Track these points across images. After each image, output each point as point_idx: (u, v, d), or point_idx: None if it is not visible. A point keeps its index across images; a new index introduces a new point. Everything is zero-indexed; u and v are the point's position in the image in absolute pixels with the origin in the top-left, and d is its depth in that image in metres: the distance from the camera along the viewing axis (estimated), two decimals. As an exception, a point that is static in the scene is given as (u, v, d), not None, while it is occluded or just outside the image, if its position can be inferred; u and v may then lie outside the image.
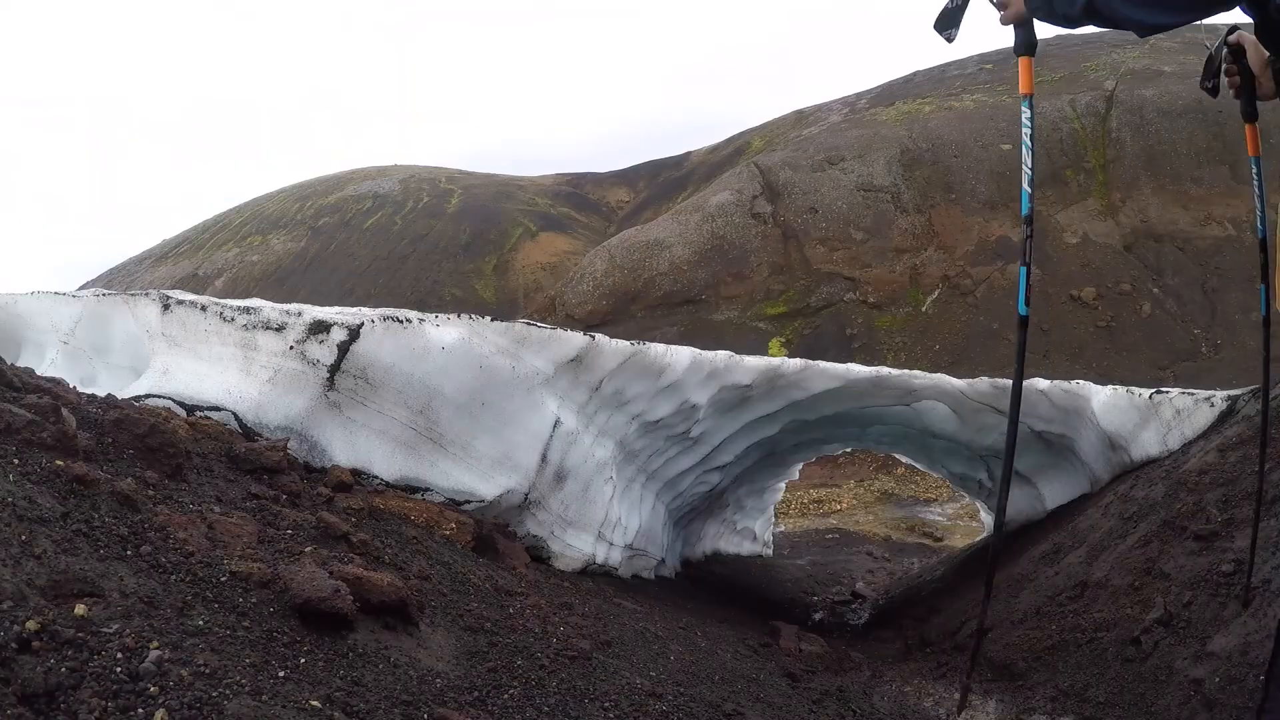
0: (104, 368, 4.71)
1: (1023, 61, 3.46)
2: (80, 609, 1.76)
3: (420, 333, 4.22)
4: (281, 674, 1.96)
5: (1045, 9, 2.73)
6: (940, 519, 15.89)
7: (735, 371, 6.79)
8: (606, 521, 5.95)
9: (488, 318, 4.76)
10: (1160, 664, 3.88)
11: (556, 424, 5.20)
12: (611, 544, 6.16)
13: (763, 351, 19.53)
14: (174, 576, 2.15)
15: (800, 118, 34.75)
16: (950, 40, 3.54)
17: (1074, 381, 7.05)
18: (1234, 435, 5.29)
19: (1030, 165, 3.70)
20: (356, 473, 4.01)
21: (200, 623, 1.99)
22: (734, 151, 35.59)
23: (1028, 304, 3.73)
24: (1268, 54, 2.53)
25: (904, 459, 12.13)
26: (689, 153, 40.37)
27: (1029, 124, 3.74)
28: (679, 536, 9.49)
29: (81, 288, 19.86)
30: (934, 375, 7.56)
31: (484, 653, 2.76)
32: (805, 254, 23.97)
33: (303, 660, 2.10)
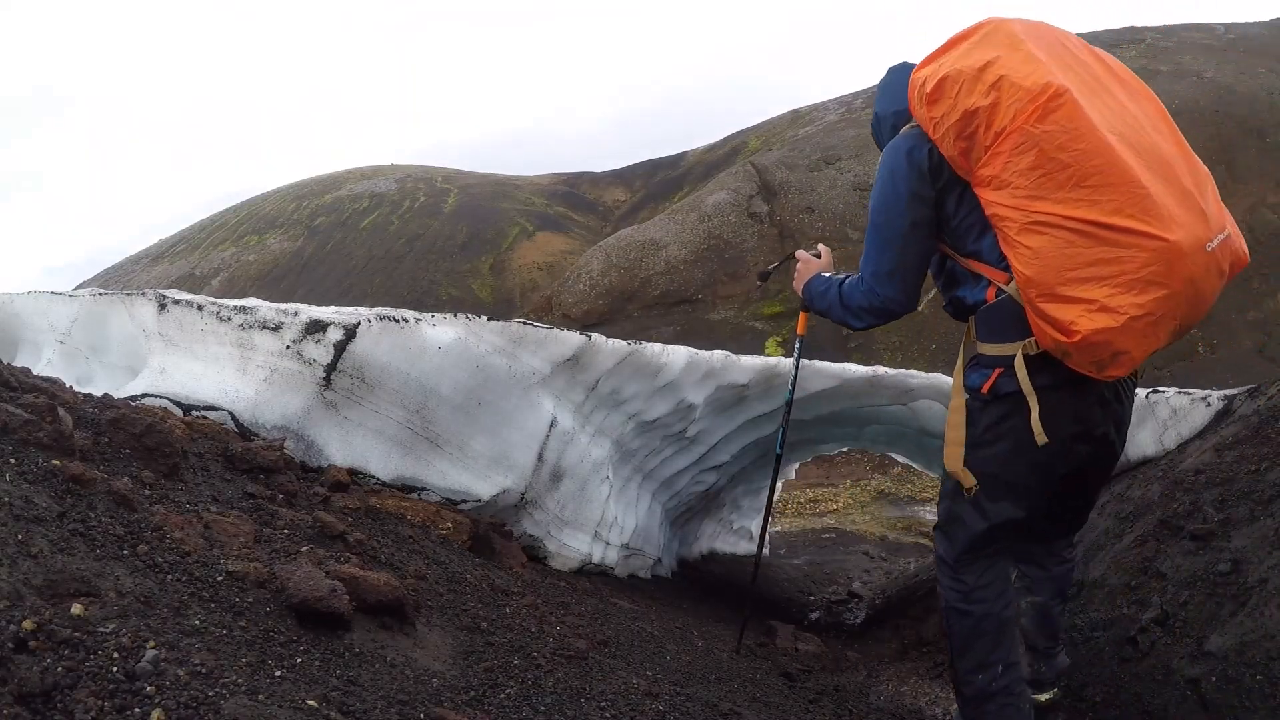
0: (100, 367, 4.70)
1: (802, 314, 4.42)
2: (77, 608, 1.76)
3: (417, 332, 4.22)
4: (278, 673, 1.96)
5: (804, 297, 3.87)
6: (936, 518, 15.87)
7: (731, 371, 6.79)
8: (603, 521, 5.95)
9: (484, 317, 4.76)
10: (1157, 664, 3.88)
11: (553, 423, 5.19)
12: (608, 544, 6.16)
13: (759, 351, 19.52)
14: (170, 576, 2.15)
15: (797, 117, 34.77)
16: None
17: (1070, 381, 7.05)
18: (1230, 435, 5.29)
19: (792, 388, 4.85)
20: (353, 472, 4.01)
21: (197, 622, 1.99)
22: (730, 151, 35.61)
23: (781, 447, 5.04)
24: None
25: (900, 458, 12.13)
26: (685, 152, 40.38)
27: (798, 363, 5.02)
28: (675, 536, 9.49)
29: (78, 287, 19.81)
30: (930, 375, 7.56)
31: (480, 652, 2.76)
32: (802, 253, 23.96)
33: (299, 660, 2.10)
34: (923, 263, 3.25)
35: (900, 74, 3.36)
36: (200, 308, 4.04)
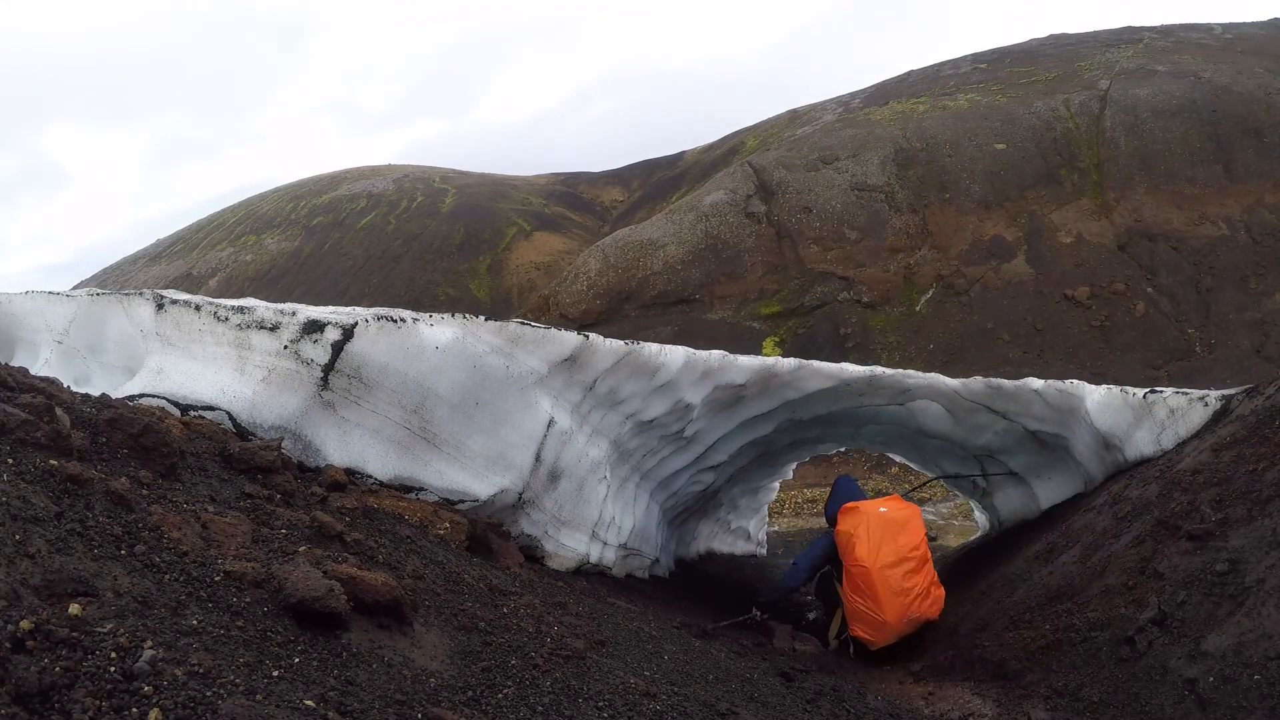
0: (98, 367, 4.70)
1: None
2: (74, 608, 1.76)
3: (414, 332, 4.21)
4: (275, 673, 1.96)
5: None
6: (934, 518, 15.90)
7: (729, 371, 6.79)
8: (600, 521, 5.95)
9: (482, 317, 4.75)
10: (1154, 663, 3.88)
11: (550, 423, 5.19)
12: (605, 543, 6.16)
13: (757, 351, 19.52)
14: (168, 576, 2.14)
15: (794, 117, 34.76)
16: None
17: (1068, 381, 7.06)
18: (1228, 435, 5.30)
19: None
20: (350, 472, 4.00)
21: (194, 622, 1.98)
22: (728, 151, 35.60)
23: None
24: None
25: (898, 458, 12.15)
26: (683, 152, 40.39)
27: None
28: (673, 536, 9.49)
29: (75, 287, 19.79)
30: (928, 375, 7.57)
31: (478, 652, 2.76)
32: (799, 253, 23.98)
33: (297, 660, 2.09)
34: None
35: (844, 489, 7.23)
36: (198, 308, 4.03)
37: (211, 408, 3.83)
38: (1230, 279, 20.53)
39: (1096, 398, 6.64)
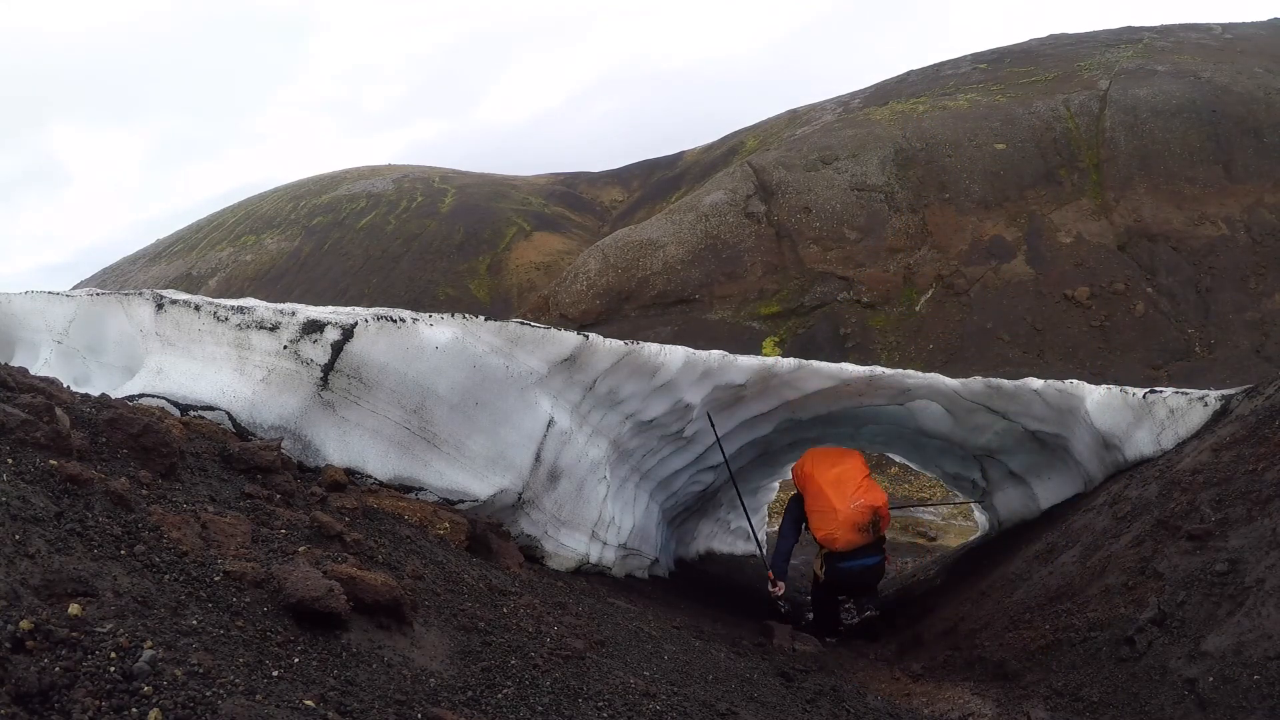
0: (98, 367, 4.70)
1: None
2: (74, 608, 1.76)
3: (414, 332, 4.21)
4: (275, 673, 1.96)
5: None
6: (934, 519, 15.91)
7: (729, 371, 6.79)
8: (600, 521, 5.95)
9: (481, 317, 4.75)
10: (1154, 663, 3.88)
11: (550, 423, 5.19)
12: (605, 543, 6.16)
13: (756, 351, 19.51)
14: (168, 576, 2.14)
15: (794, 117, 34.76)
16: None
17: (1068, 381, 7.06)
18: (1228, 435, 5.30)
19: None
20: (350, 472, 4.00)
21: (194, 622, 1.98)
22: (728, 151, 35.61)
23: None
24: None
25: (897, 458, 12.15)
26: (682, 152, 40.41)
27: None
28: (673, 536, 9.49)
29: (75, 287, 19.78)
30: (928, 375, 7.57)
31: (478, 652, 2.76)
32: (799, 253, 23.98)
33: (296, 660, 2.09)
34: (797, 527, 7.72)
35: None
36: (198, 308, 4.03)
37: (211, 408, 3.83)
38: (1230, 279, 20.52)
39: (1096, 398, 6.64)
